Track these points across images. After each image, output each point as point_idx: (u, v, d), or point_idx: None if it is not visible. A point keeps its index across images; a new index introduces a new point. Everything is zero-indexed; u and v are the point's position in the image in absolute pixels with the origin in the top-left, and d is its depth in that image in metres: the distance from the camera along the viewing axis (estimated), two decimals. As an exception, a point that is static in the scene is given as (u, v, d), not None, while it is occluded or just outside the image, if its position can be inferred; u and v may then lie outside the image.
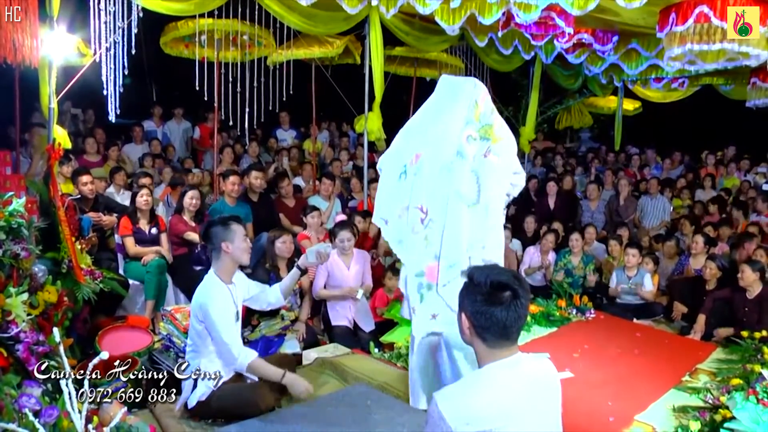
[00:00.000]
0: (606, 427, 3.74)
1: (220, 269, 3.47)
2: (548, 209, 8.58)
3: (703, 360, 4.89)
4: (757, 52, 5.42)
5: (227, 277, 3.50)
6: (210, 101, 6.82)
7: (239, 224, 3.52)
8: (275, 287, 3.87)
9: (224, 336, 3.30)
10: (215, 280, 3.45)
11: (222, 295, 3.41)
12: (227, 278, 3.49)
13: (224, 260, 3.46)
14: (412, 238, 3.53)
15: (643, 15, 6.40)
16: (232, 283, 3.53)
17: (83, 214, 5.31)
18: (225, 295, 3.43)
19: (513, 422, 1.85)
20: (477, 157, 3.45)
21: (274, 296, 3.84)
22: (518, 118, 10.33)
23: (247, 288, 3.71)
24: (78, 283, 4.00)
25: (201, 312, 3.33)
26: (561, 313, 5.86)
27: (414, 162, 3.57)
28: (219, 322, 3.30)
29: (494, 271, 1.95)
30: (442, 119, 3.55)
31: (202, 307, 3.33)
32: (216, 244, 3.43)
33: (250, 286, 3.75)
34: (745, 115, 9.93)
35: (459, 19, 6.50)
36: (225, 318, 3.35)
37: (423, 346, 3.60)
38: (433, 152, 3.50)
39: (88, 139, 7.86)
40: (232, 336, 3.37)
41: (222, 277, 3.47)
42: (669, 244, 7.15)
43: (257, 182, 6.48)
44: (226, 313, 3.38)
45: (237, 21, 6.32)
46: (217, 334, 3.29)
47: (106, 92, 5.52)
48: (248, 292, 3.72)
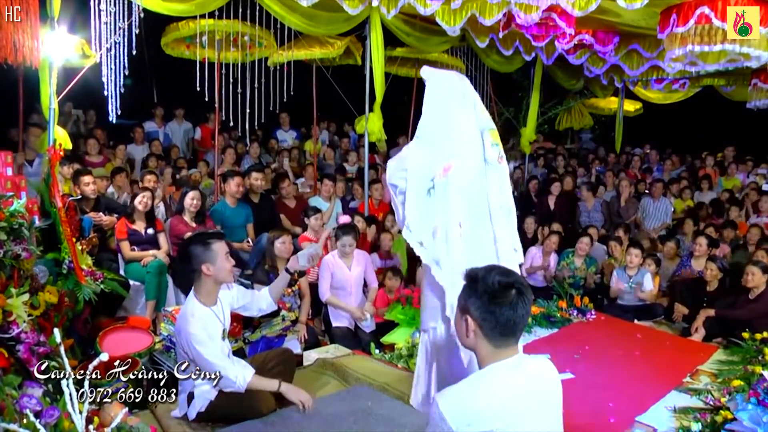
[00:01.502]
0: (607, 428, 3.74)
1: (201, 293, 3.21)
2: (549, 210, 8.58)
3: (704, 361, 4.89)
4: (758, 53, 5.43)
5: (210, 299, 3.24)
6: (211, 102, 6.83)
7: (220, 241, 3.25)
8: (265, 292, 3.65)
9: (213, 364, 3.08)
10: (196, 307, 3.19)
11: (206, 323, 3.16)
12: (210, 301, 3.25)
13: (206, 283, 3.20)
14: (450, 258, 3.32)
15: (644, 16, 6.41)
16: (215, 304, 3.29)
17: (84, 215, 5.32)
18: (209, 320, 3.19)
19: (514, 423, 1.85)
20: (495, 163, 3.41)
21: (265, 302, 3.61)
22: (519, 119, 10.34)
23: (235, 298, 3.48)
24: (79, 284, 3.98)
25: (184, 341, 3.14)
26: (562, 314, 5.87)
27: (443, 175, 3.34)
28: (205, 354, 3.09)
29: (497, 270, 1.96)
30: (457, 124, 3.42)
31: (184, 337, 3.13)
32: (196, 266, 3.16)
33: (238, 296, 3.50)
34: (746, 117, 9.95)
35: (460, 20, 6.51)
36: (211, 347, 3.12)
37: None
38: (463, 163, 3.34)
39: (89, 140, 7.87)
40: (223, 361, 3.15)
41: (204, 300, 3.21)
42: (669, 245, 7.16)
43: (257, 183, 6.48)
44: (212, 342, 3.14)
45: (238, 22, 6.32)
46: (205, 364, 3.08)
47: (107, 93, 5.53)
48: (237, 302, 3.49)
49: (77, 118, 9.46)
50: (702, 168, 10.93)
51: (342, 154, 10.12)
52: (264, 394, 3.29)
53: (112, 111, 5.65)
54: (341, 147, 10.49)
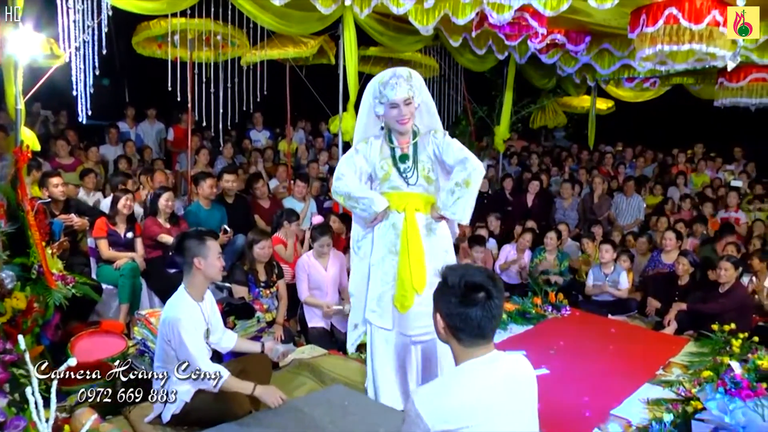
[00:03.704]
0: (582, 421, 3.79)
1: (190, 285, 3.33)
2: (526, 208, 8.65)
3: (676, 354, 4.98)
4: (723, 53, 5.52)
5: (198, 294, 3.35)
6: (183, 102, 6.75)
7: (215, 240, 3.39)
8: (233, 336, 3.69)
9: (195, 356, 3.13)
10: (185, 298, 3.30)
11: (192, 313, 3.26)
12: (198, 296, 3.35)
13: (196, 276, 3.31)
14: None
15: (615, 16, 6.47)
16: (202, 301, 3.38)
17: (54, 218, 5.23)
18: (195, 313, 3.29)
19: (490, 419, 1.86)
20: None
21: (230, 342, 3.64)
22: (493, 117, 10.38)
23: (214, 311, 3.53)
24: (49, 289, 3.91)
25: (170, 330, 3.18)
26: (537, 310, 5.92)
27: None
28: (189, 342, 3.14)
29: (468, 271, 1.96)
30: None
31: (171, 326, 3.17)
32: (188, 258, 3.27)
33: (216, 312, 3.57)
34: (714, 114, 10.13)
35: (433, 20, 6.51)
36: (195, 338, 3.20)
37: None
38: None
39: (59, 141, 7.73)
40: (203, 357, 3.21)
41: (192, 294, 3.32)
42: (641, 240, 7.28)
43: (229, 185, 6.44)
44: (197, 333, 3.23)
45: (210, 21, 6.26)
46: (187, 354, 3.12)
47: (76, 93, 5.43)
48: (214, 315, 3.53)
49: (46, 119, 9.29)
50: (674, 165, 11.11)
51: (316, 153, 10.08)
52: (239, 396, 3.27)
53: (82, 112, 5.55)
54: (315, 146, 10.44)
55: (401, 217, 3.65)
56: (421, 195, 3.71)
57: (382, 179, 3.72)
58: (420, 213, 3.68)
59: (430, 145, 3.74)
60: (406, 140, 3.71)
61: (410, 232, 3.62)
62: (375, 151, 3.74)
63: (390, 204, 3.64)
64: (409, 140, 3.71)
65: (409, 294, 3.59)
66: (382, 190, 3.71)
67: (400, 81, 3.54)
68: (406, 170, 3.68)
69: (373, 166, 3.74)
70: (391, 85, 3.54)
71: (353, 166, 3.74)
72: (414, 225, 3.64)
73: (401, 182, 3.69)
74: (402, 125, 3.62)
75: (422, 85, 3.75)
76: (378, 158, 3.72)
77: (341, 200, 3.77)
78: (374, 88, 3.65)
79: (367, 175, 3.78)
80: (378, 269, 3.73)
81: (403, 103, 3.54)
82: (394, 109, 3.57)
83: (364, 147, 3.76)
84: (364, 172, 3.77)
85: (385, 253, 3.70)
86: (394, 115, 3.59)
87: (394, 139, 3.71)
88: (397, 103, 3.54)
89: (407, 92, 3.54)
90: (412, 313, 3.59)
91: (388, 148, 3.72)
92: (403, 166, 3.68)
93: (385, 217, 3.67)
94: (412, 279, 3.58)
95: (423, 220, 3.69)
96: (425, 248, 3.64)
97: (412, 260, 3.59)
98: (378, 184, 3.76)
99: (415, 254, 3.60)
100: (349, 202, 3.70)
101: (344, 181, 3.70)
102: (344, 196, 3.69)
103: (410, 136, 3.71)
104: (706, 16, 5.30)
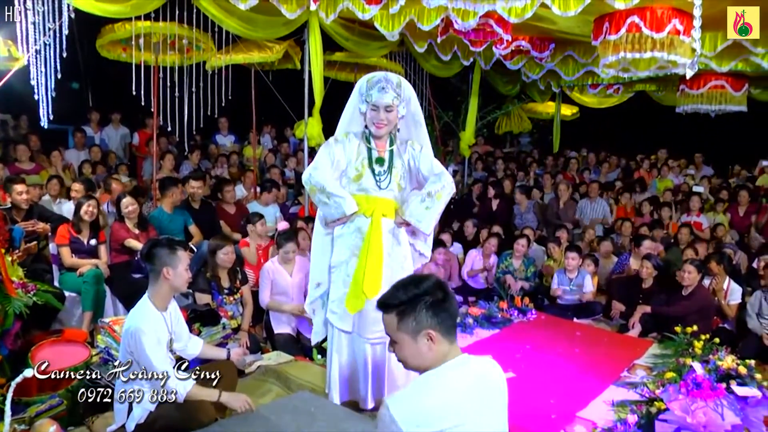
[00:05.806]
0: (548, 424, 3.82)
1: (155, 295, 3.26)
2: (490, 212, 8.71)
3: (640, 356, 5.06)
4: (684, 60, 5.63)
5: (163, 304, 3.29)
6: (148, 106, 6.65)
7: (185, 251, 3.32)
8: (199, 342, 3.67)
9: (157, 369, 3.05)
10: (149, 307, 3.23)
11: (155, 324, 3.19)
12: (162, 305, 3.28)
13: (162, 286, 3.25)
14: None
15: (579, 24, 6.57)
16: (166, 310, 3.32)
17: (14, 224, 5.10)
18: (159, 323, 3.22)
19: (463, 421, 1.88)
20: None
21: (195, 349, 3.61)
22: (458, 123, 10.45)
23: (178, 319, 3.48)
24: (8, 297, 3.81)
25: (132, 341, 3.10)
26: (503, 314, 5.94)
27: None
28: (152, 353, 3.06)
29: (416, 279, 2.04)
30: None
31: (133, 336, 3.08)
32: (157, 267, 3.21)
33: (181, 320, 3.52)
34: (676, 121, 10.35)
35: (398, 25, 6.55)
36: (158, 348, 3.13)
37: None
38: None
39: (19, 146, 7.56)
40: (166, 367, 3.12)
41: (157, 303, 3.25)
42: (605, 243, 7.40)
43: (194, 191, 6.38)
44: (160, 345, 3.17)
45: (175, 24, 6.18)
46: (150, 366, 3.05)
47: (37, 97, 5.31)
48: (179, 324, 3.48)
49: (5, 123, 9.07)
50: (637, 170, 11.32)
51: (282, 159, 10.03)
52: (204, 404, 3.22)
53: (43, 116, 5.43)
54: (281, 152, 10.40)
55: (367, 222, 3.65)
56: (389, 201, 3.72)
57: (353, 179, 3.72)
58: (387, 218, 3.70)
59: (407, 154, 3.78)
60: (383, 144, 3.74)
61: (373, 237, 3.63)
62: (352, 148, 3.74)
63: (358, 208, 3.64)
64: (386, 146, 3.74)
65: (360, 296, 3.62)
66: (350, 190, 3.70)
67: (387, 86, 3.59)
68: (380, 173, 3.70)
69: (348, 163, 3.74)
70: (378, 88, 3.59)
71: (332, 156, 3.71)
72: (378, 230, 3.65)
73: (373, 185, 3.70)
74: (377, 129, 3.65)
75: (412, 96, 3.77)
76: (354, 156, 3.73)
77: (312, 190, 3.69)
78: (362, 85, 3.68)
79: (341, 170, 3.76)
80: (341, 271, 3.74)
81: (384, 108, 3.58)
82: (374, 112, 3.62)
83: (344, 140, 3.76)
84: (341, 164, 3.74)
85: (348, 255, 3.70)
86: (371, 117, 3.64)
87: (372, 141, 3.73)
88: (378, 106, 3.59)
89: (391, 99, 3.58)
90: (370, 317, 3.60)
91: (365, 148, 3.73)
92: (379, 169, 3.70)
93: (350, 221, 3.67)
94: (364, 283, 3.60)
95: (388, 226, 3.70)
96: (385, 254, 3.66)
97: (370, 265, 3.61)
98: (347, 183, 3.74)
99: (373, 259, 3.62)
100: (320, 195, 3.65)
101: (321, 173, 3.65)
102: (318, 188, 3.64)
103: (387, 142, 3.75)
104: (667, 24, 5.43)
